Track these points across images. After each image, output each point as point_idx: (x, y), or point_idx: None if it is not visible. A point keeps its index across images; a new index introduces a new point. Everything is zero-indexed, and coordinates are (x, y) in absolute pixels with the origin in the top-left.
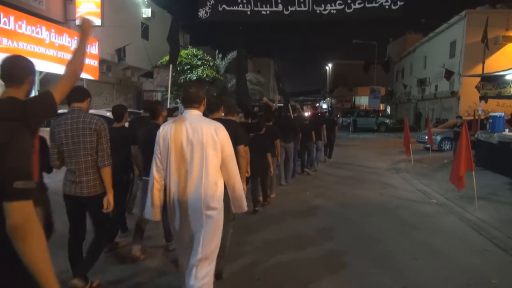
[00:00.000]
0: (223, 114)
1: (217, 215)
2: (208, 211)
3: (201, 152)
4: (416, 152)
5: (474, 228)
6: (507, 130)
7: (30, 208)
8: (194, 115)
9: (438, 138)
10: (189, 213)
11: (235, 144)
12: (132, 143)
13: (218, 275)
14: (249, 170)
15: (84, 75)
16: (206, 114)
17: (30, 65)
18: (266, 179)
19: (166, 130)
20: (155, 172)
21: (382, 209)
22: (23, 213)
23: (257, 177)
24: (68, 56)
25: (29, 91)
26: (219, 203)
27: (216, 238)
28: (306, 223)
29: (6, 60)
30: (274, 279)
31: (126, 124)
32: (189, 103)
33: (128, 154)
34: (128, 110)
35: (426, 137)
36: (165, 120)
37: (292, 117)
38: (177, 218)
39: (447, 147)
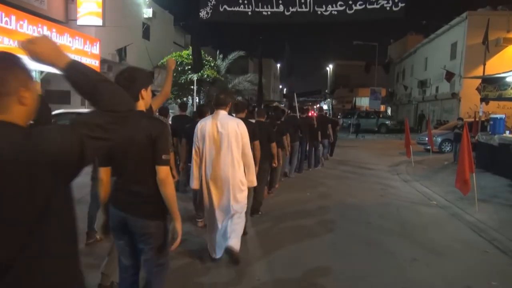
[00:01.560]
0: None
1: (243, 183)
2: (234, 178)
3: (227, 141)
4: (416, 154)
5: (474, 229)
6: (507, 132)
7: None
8: (222, 114)
9: (439, 139)
10: (221, 180)
11: (252, 139)
12: (172, 135)
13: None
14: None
15: None
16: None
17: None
18: (273, 170)
19: (203, 124)
20: (194, 154)
21: (382, 210)
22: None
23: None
24: (70, 56)
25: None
26: (241, 174)
27: (240, 197)
28: (306, 224)
29: None
30: (273, 279)
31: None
32: (219, 105)
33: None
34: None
35: (427, 138)
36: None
37: (299, 117)
38: (211, 188)
39: (448, 148)
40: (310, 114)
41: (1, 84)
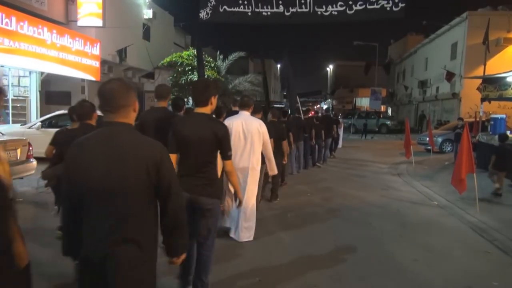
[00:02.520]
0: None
1: (257, 171)
2: (252, 170)
3: (250, 138)
4: (417, 154)
5: (475, 230)
6: (508, 132)
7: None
8: (246, 114)
9: (439, 139)
10: (242, 169)
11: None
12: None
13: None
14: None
15: (85, 76)
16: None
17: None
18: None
19: (229, 123)
20: (239, 154)
21: (383, 211)
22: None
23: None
24: (69, 57)
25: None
26: (258, 166)
27: (255, 185)
28: (306, 224)
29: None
30: (273, 281)
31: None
32: (244, 107)
33: None
34: None
35: (427, 138)
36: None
37: (303, 118)
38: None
39: (448, 148)
40: (310, 114)
41: (126, 98)
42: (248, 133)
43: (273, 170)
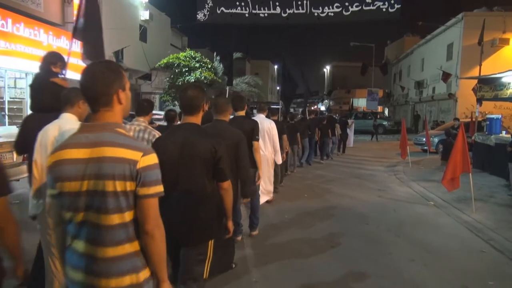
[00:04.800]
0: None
1: (271, 158)
2: (273, 157)
3: (268, 135)
4: (413, 154)
5: (471, 229)
6: (504, 132)
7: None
8: (262, 116)
9: (436, 140)
10: (265, 157)
11: (281, 133)
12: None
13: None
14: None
15: None
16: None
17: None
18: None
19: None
20: (261, 143)
21: (380, 211)
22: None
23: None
24: (66, 59)
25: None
26: (271, 154)
27: (272, 169)
28: (303, 225)
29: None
30: (270, 280)
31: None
32: (260, 110)
33: None
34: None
35: (424, 139)
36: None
37: (308, 118)
38: (263, 165)
39: None
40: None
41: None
42: (266, 131)
43: (279, 160)
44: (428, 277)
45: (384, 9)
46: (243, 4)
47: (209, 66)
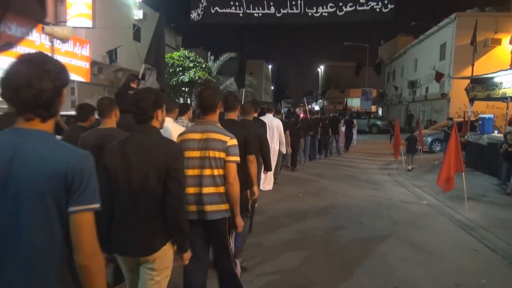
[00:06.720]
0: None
1: (277, 150)
2: (274, 149)
3: (276, 131)
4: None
5: (464, 228)
6: (496, 131)
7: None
8: (270, 116)
9: (429, 139)
10: (274, 149)
11: (284, 129)
12: None
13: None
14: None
15: (75, 77)
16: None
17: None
18: (295, 153)
19: (268, 121)
20: (269, 137)
21: (374, 210)
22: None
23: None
24: (59, 58)
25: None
26: (277, 147)
27: (276, 158)
28: (297, 224)
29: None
30: (265, 280)
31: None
32: (269, 111)
33: None
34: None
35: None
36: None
37: (309, 118)
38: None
39: (438, 148)
40: (302, 115)
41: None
42: (274, 128)
43: (283, 150)
44: (421, 276)
45: (377, 9)
46: (237, 3)
47: (203, 65)
